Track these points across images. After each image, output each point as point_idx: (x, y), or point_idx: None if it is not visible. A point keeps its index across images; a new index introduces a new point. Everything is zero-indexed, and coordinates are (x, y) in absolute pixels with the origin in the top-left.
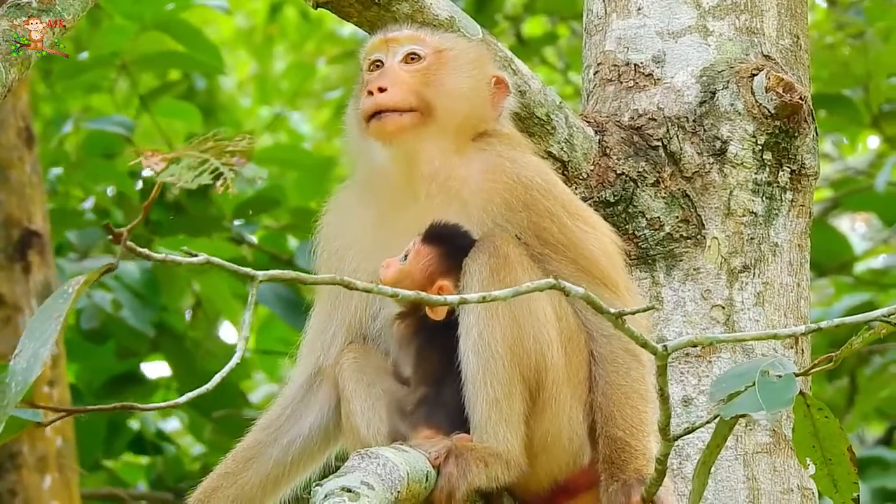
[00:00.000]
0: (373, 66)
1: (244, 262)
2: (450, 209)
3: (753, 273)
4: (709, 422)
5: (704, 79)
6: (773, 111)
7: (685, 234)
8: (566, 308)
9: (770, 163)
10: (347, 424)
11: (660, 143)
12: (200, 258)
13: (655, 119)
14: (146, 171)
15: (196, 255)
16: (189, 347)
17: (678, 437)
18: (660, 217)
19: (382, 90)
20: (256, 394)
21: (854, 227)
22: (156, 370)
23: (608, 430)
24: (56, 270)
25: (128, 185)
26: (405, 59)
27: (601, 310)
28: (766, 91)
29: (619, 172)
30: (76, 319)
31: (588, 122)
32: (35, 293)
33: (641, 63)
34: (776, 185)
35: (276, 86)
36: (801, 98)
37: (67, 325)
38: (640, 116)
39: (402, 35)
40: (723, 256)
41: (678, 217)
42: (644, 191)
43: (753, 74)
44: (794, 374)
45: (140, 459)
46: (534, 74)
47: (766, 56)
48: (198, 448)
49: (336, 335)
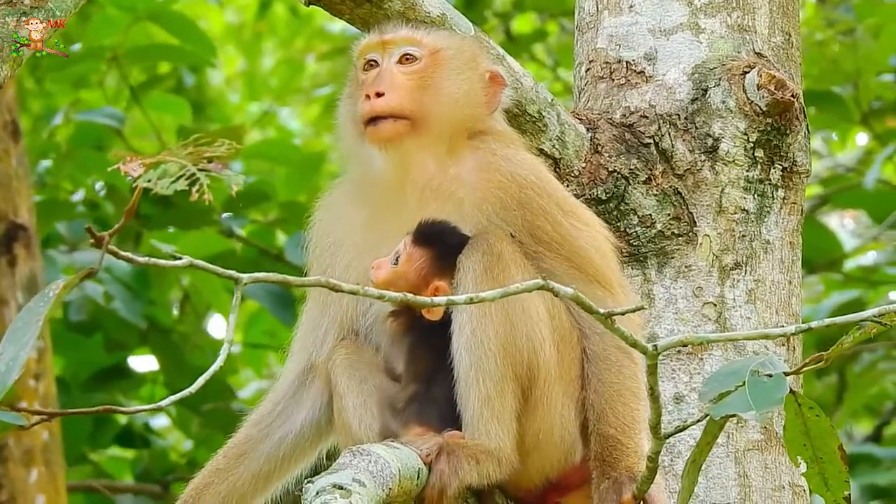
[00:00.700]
0: (368, 66)
1: (234, 256)
2: (444, 208)
3: (745, 270)
4: (700, 420)
5: (696, 76)
6: (765, 108)
7: (677, 232)
8: (559, 305)
9: (762, 160)
10: (339, 421)
11: (651, 141)
12: (184, 261)
13: (647, 116)
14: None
15: (180, 258)
16: (176, 341)
17: (669, 436)
18: (651, 214)
19: (380, 95)
20: (246, 391)
21: (843, 224)
22: (143, 364)
23: (600, 428)
24: (44, 263)
25: (118, 177)
26: (401, 61)
27: (591, 310)
28: (758, 88)
29: (611, 170)
30: (64, 312)
31: (580, 120)
32: (21, 286)
33: (633, 60)
34: (768, 183)
35: (265, 82)
36: (793, 95)
37: (55, 318)
38: (632, 114)
39: (398, 36)
40: (714, 254)
41: (670, 214)
42: (636, 188)
43: (745, 72)
44: (785, 374)
45: (127, 453)
46: (525, 72)
47: (758, 53)
48: (187, 444)
49: (328, 331)
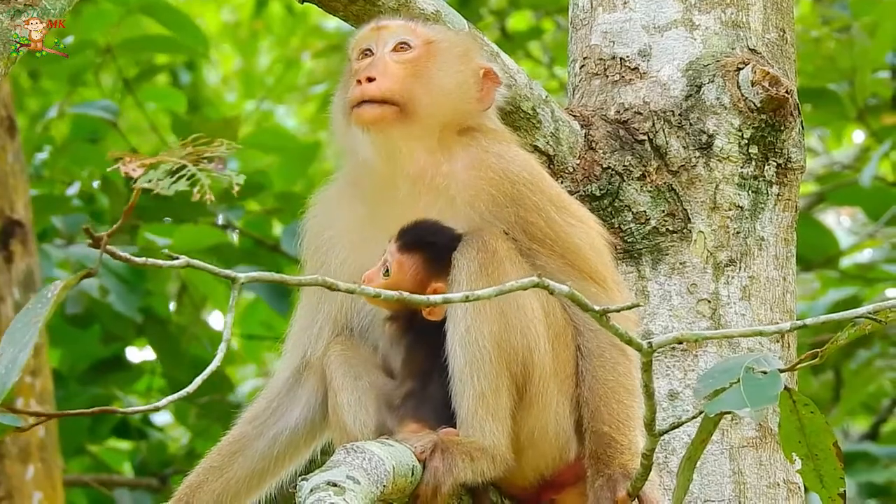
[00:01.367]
0: (362, 55)
1: (230, 248)
2: (436, 205)
3: (739, 267)
4: (694, 417)
5: (690, 73)
6: (759, 105)
7: (671, 228)
8: (554, 303)
9: (756, 157)
10: (334, 418)
11: (646, 137)
12: (181, 261)
13: (641, 113)
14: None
15: (177, 258)
16: (174, 332)
17: (664, 433)
18: (646, 211)
19: (371, 80)
20: (244, 387)
21: (839, 222)
22: (140, 355)
23: (594, 425)
24: (40, 258)
25: (113, 170)
26: (395, 49)
27: (586, 307)
28: (752, 85)
29: (605, 166)
30: (60, 305)
31: (574, 116)
32: (17, 282)
33: (627, 57)
34: (762, 179)
35: (262, 80)
36: (787, 92)
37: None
38: (626, 110)
39: (394, 24)
40: (709, 250)
41: (664, 211)
42: (630, 185)
43: (739, 68)
44: (780, 370)
45: (124, 444)
46: (520, 69)
47: (752, 50)
48: (185, 437)
49: (323, 328)
